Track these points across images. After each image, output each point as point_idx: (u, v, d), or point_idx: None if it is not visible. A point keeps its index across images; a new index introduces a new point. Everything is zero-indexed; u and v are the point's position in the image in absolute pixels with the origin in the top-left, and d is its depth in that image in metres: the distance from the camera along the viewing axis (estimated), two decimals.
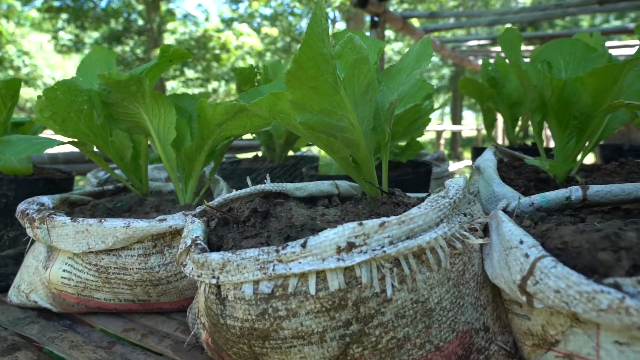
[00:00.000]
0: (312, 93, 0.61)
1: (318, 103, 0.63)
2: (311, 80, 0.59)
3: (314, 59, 0.57)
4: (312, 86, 0.60)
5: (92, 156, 1.01)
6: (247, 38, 13.66)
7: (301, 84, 0.60)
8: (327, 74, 0.60)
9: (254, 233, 0.57)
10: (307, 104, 0.63)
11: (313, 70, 0.58)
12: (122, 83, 0.90)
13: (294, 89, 0.61)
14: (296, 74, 0.59)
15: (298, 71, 0.58)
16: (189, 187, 1.00)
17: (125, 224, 0.77)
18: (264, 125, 0.94)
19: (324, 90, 0.61)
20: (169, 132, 0.96)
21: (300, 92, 0.61)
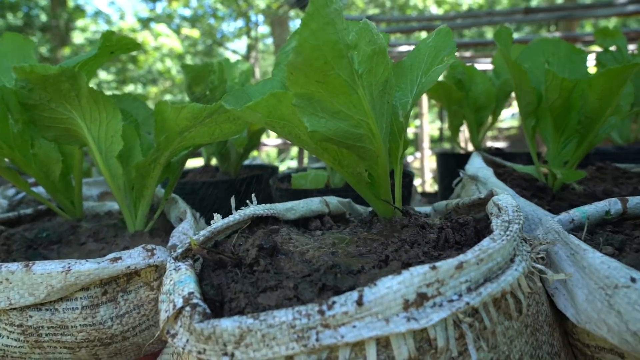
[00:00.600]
0: (322, 91, 0.47)
1: (330, 104, 0.49)
2: (318, 74, 0.45)
3: (319, 48, 0.43)
4: (319, 81, 0.46)
5: (4, 173, 0.78)
6: (166, 39, 12.99)
7: (307, 79, 0.46)
8: (340, 68, 0.46)
9: (274, 283, 0.41)
10: (317, 106, 0.49)
11: (319, 62, 0.44)
12: (49, 79, 0.70)
13: (298, 85, 0.47)
14: (299, 66, 0.44)
15: (301, 62, 0.44)
16: (140, 210, 0.80)
17: (64, 268, 0.57)
18: (236, 132, 0.78)
19: (337, 88, 0.48)
20: (113, 142, 0.76)
21: (305, 89, 0.47)
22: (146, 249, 0.62)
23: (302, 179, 0.99)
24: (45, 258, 0.77)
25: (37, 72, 0.68)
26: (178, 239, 0.69)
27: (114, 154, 0.77)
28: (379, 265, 0.48)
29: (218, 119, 0.73)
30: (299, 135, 0.55)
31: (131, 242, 0.77)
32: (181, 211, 0.81)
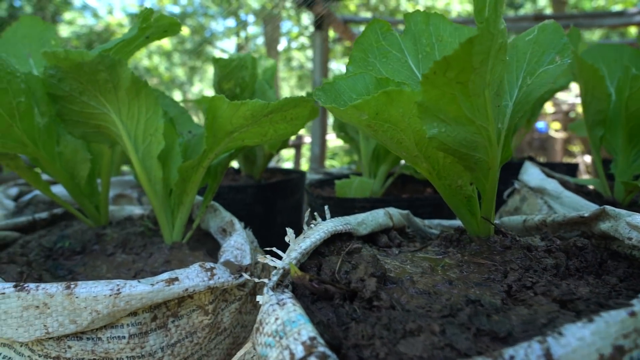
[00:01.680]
0: (459, 92, 0.39)
1: (457, 108, 0.41)
2: (467, 73, 0.37)
3: (482, 42, 0.35)
4: (461, 82, 0.38)
5: (24, 174, 0.68)
6: None
7: (447, 79, 0.38)
8: (485, 65, 0.38)
9: (414, 326, 0.33)
10: (443, 109, 0.41)
11: (481, 56, 0.36)
12: (85, 67, 0.60)
13: (434, 87, 0.39)
14: (452, 62, 0.36)
15: (457, 58, 0.36)
16: (179, 219, 0.71)
17: (112, 291, 0.48)
18: (290, 134, 0.70)
19: (474, 89, 0.40)
20: (152, 141, 0.67)
21: (439, 90, 0.39)
22: (204, 268, 0.53)
23: (346, 187, 0.91)
24: (71, 271, 0.67)
25: (72, 59, 0.59)
26: (232, 255, 0.60)
27: (153, 155, 0.67)
28: (513, 298, 0.40)
29: (274, 119, 0.64)
30: (401, 141, 0.46)
31: (170, 255, 0.68)
32: (226, 221, 0.72)
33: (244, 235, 0.64)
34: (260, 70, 1.28)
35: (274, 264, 0.49)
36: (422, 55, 0.62)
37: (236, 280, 0.55)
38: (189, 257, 0.67)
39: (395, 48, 0.62)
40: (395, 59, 0.62)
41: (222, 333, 0.58)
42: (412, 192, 1.09)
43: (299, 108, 0.64)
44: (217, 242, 0.81)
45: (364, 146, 1.03)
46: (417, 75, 0.61)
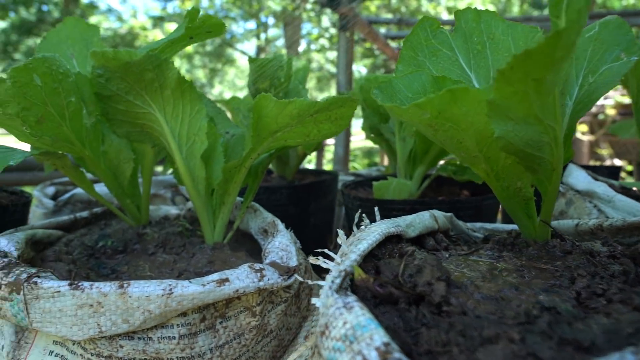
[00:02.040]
0: (532, 90, 0.38)
1: (528, 106, 0.39)
2: (546, 69, 0.36)
3: (569, 36, 0.34)
4: (537, 78, 0.37)
5: (69, 173, 0.69)
6: None
7: (524, 74, 0.36)
8: (565, 61, 0.37)
9: (493, 333, 0.31)
10: (513, 107, 0.39)
11: (563, 51, 0.34)
12: (133, 67, 0.60)
13: (508, 83, 0.37)
14: (537, 56, 0.34)
15: (540, 52, 0.34)
16: (220, 219, 0.71)
17: (164, 291, 0.47)
18: (334, 134, 0.69)
19: (548, 87, 0.38)
20: (195, 140, 0.67)
21: (512, 88, 0.37)
22: (254, 269, 0.53)
23: (383, 188, 0.90)
24: (114, 270, 0.68)
25: (121, 59, 0.59)
26: (277, 256, 0.60)
27: (196, 155, 0.67)
28: (584, 305, 0.38)
29: (318, 118, 0.63)
30: (461, 141, 0.45)
31: (212, 255, 0.67)
32: (267, 222, 0.71)
33: (288, 237, 0.63)
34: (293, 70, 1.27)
35: (327, 265, 0.48)
36: (473, 54, 0.60)
37: (285, 281, 0.54)
38: (231, 258, 0.67)
39: (446, 46, 0.61)
40: (445, 57, 0.60)
41: (269, 335, 0.57)
42: (448, 195, 1.07)
43: (345, 108, 0.63)
44: (256, 243, 0.80)
45: (400, 147, 1.01)
46: (469, 74, 0.60)
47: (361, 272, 0.38)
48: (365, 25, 3.24)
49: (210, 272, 0.63)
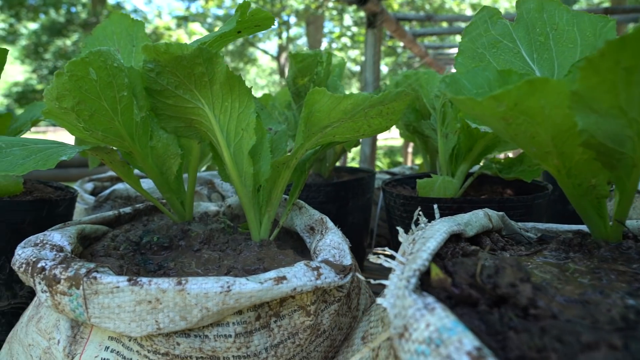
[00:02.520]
0: (621, 80, 0.35)
1: (613, 98, 0.37)
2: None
3: None
4: (627, 67, 0.34)
5: (117, 168, 0.69)
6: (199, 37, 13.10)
7: (614, 63, 0.34)
8: None
9: (592, 339, 0.29)
10: (598, 99, 0.37)
11: None
12: (184, 60, 0.60)
13: (596, 72, 0.34)
14: (633, 43, 0.32)
15: (635, 40, 0.32)
16: (266, 216, 0.70)
17: (222, 288, 0.46)
18: (383, 129, 0.67)
19: (637, 78, 0.35)
20: (244, 136, 0.66)
21: (600, 77, 0.35)
22: (311, 268, 0.51)
23: (428, 186, 0.87)
24: (160, 266, 0.67)
25: (172, 52, 0.59)
26: (329, 254, 0.58)
27: (244, 150, 0.66)
28: None
29: (370, 113, 0.62)
30: (534, 135, 0.43)
31: (260, 253, 0.66)
32: (315, 219, 0.70)
33: (339, 234, 0.62)
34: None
35: (389, 265, 0.46)
36: (536, 46, 0.58)
37: (341, 280, 0.52)
38: (279, 255, 0.66)
39: (507, 38, 0.58)
40: (506, 49, 0.58)
41: (322, 335, 0.56)
42: (490, 194, 1.04)
43: (397, 102, 0.61)
44: (299, 241, 0.79)
45: (442, 144, 0.99)
46: (532, 67, 0.57)
47: (439, 272, 0.36)
48: (393, 22, 3.20)
49: (260, 269, 0.62)
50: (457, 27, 3.73)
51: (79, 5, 11.68)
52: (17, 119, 0.84)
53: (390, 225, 0.95)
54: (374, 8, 2.85)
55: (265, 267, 0.62)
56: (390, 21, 3.16)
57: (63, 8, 11.63)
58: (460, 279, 0.38)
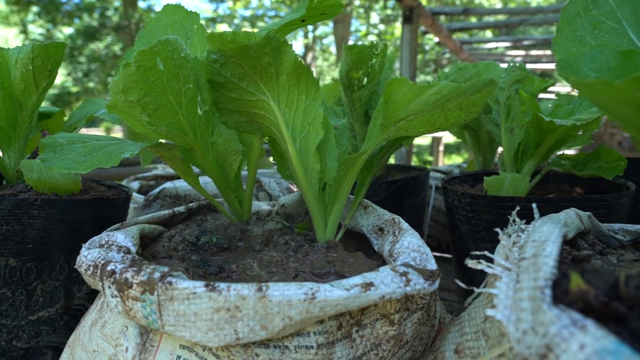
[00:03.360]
0: None
1: None
2: None
3: None
4: None
5: (176, 165, 0.66)
6: None
7: None
8: None
9: None
10: None
11: None
12: (250, 50, 0.56)
13: None
14: None
15: None
16: (332, 216, 0.66)
17: (306, 295, 0.42)
18: (460, 123, 0.62)
19: None
20: (310, 130, 0.62)
21: None
22: (398, 273, 0.46)
23: (497, 184, 0.81)
24: (222, 268, 0.64)
25: (239, 41, 0.55)
26: (409, 258, 0.53)
27: (310, 146, 0.62)
28: None
29: (448, 105, 0.57)
30: None
31: (328, 255, 0.62)
32: (385, 220, 0.65)
33: (417, 236, 0.57)
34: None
35: (492, 271, 0.41)
36: None
37: (431, 286, 0.47)
38: (348, 258, 0.61)
39: (610, 18, 0.52)
40: (610, 30, 0.52)
41: (404, 346, 0.51)
42: (557, 192, 0.97)
43: (482, 93, 0.56)
44: (361, 242, 0.75)
45: (507, 140, 0.92)
46: None
47: (580, 282, 0.31)
48: (429, 17, 3.12)
49: (330, 273, 0.58)
50: (492, 21, 3.61)
51: (111, 9, 11.97)
52: (72, 116, 0.82)
53: (453, 227, 0.90)
54: (410, 2, 2.78)
55: (336, 271, 0.58)
56: (426, 16, 3.08)
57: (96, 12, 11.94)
58: (598, 290, 0.33)
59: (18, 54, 0.65)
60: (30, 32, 11.79)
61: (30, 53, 0.64)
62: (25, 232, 0.62)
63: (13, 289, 0.62)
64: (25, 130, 0.73)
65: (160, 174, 1.29)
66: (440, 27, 3.36)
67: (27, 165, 0.65)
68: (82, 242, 0.69)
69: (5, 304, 0.62)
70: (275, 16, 14.73)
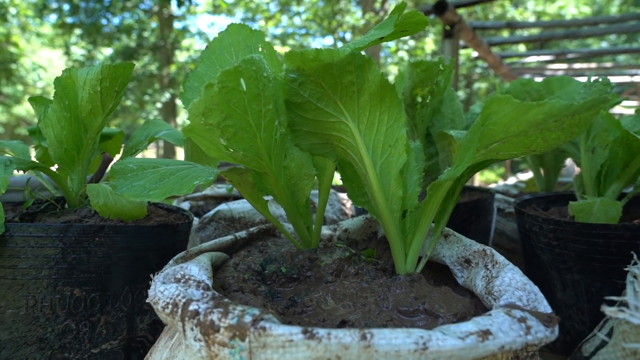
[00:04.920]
0: None
1: None
2: None
3: None
4: None
5: (245, 191, 0.62)
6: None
7: None
8: None
9: None
10: None
11: None
12: (333, 68, 0.52)
13: None
14: None
15: None
16: (414, 245, 0.60)
17: (417, 345, 0.37)
18: (560, 143, 0.55)
19: None
20: (391, 153, 0.57)
21: None
22: (515, 318, 0.41)
23: (585, 210, 0.74)
24: (293, 302, 0.59)
25: (322, 59, 0.51)
26: (514, 297, 0.47)
27: (391, 170, 0.57)
28: None
29: (547, 126, 0.51)
30: None
31: (412, 289, 0.56)
32: (472, 251, 0.59)
33: (519, 271, 0.51)
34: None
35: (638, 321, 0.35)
36: None
37: (552, 334, 0.41)
38: (435, 293, 0.56)
39: None
40: None
41: None
42: None
43: (589, 112, 0.50)
44: (439, 272, 0.69)
45: (587, 160, 0.85)
46: None
47: None
48: (469, 32, 3.06)
49: (419, 311, 0.53)
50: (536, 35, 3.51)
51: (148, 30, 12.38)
52: (133, 138, 0.80)
53: (530, 254, 0.82)
54: (452, 17, 2.73)
55: (426, 309, 0.52)
56: (467, 30, 3.02)
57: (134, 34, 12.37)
58: None
59: (87, 75, 0.63)
60: (72, 54, 12.32)
61: (99, 74, 0.62)
62: (91, 260, 0.59)
63: (77, 320, 0.59)
64: (89, 152, 0.71)
65: (209, 195, 1.27)
66: (480, 41, 3.29)
67: (93, 190, 0.62)
68: (146, 271, 0.66)
69: (69, 336, 0.59)
70: (305, 34, 14.91)
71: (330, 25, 14.09)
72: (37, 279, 0.57)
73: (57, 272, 0.57)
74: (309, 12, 13.85)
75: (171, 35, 11.51)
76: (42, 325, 0.58)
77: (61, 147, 0.67)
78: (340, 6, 12.36)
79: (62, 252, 0.57)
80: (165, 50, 11.68)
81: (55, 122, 0.65)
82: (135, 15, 12.08)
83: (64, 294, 0.58)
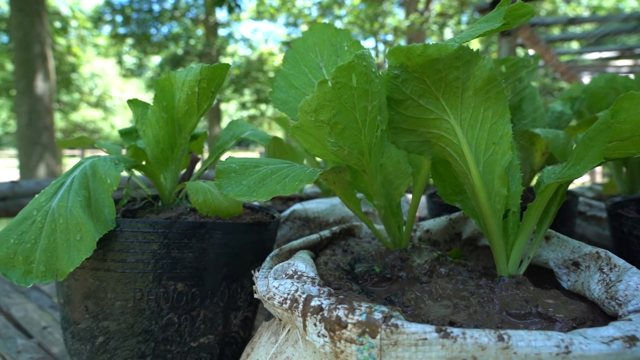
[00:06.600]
0: None
1: None
2: None
3: None
4: None
5: (340, 189, 0.62)
6: None
7: None
8: None
9: None
10: None
11: None
12: (439, 63, 0.51)
13: None
14: None
15: None
16: (517, 247, 0.58)
17: (559, 349, 0.35)
18: None
19: None
20: (495, 151, 0.55)
21: None
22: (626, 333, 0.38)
23: None
24: (391, 301, 0.58)
25: (429, 55, 0.50)
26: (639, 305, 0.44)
27: (495, 168, 0.56)
28: None
29: None
30: None
31: (520, 292, 0.54)
32: (582, 253, 0.56)
33: None
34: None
35: None
36: None
37: None
38: (544, 297, 0.53)
39: None
40: None
41: None
42: None
43: None
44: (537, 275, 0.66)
45: None
46: None
47: None
48: (527, 29, 2.96)
49: (532, 314, 0.51)
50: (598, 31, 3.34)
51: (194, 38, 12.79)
52: (219, 138, 0.82)
53: (628, 260, 0.78)
54: None
55: (539, 312, 0.50)
56: (525, 28, 2.92)
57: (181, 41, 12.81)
58: None
59: (185, 76, 0.65)
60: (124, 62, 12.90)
61: (198, 75, 0.64)
62: (192, 256, 0.61)
63: (179, 314, 0.61)
64: (181, 152, 0.73)
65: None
66: (538, 38, 3.17)
67: (193, 188, 0.64)
68: (240, 268, 0.67)
69: (171, 329, 0.61)
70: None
71: (372, 28, 14.02)
72: (144, 273, 0.59)
73: (162, 266, 0.59)
74: (350, 15, 13.83)
75: (216, 42, 11.83)
76: (147, 317, 0.60)
77: (158, 146, 0.69)
78: (383, 8, 12.28)
79: (166, 247, 0.59)
80: (210, 57, 12.01)
81: (154, 122, 0.67)
82: (183, 24, 12.50)
83: (167, 288, 0.60)
